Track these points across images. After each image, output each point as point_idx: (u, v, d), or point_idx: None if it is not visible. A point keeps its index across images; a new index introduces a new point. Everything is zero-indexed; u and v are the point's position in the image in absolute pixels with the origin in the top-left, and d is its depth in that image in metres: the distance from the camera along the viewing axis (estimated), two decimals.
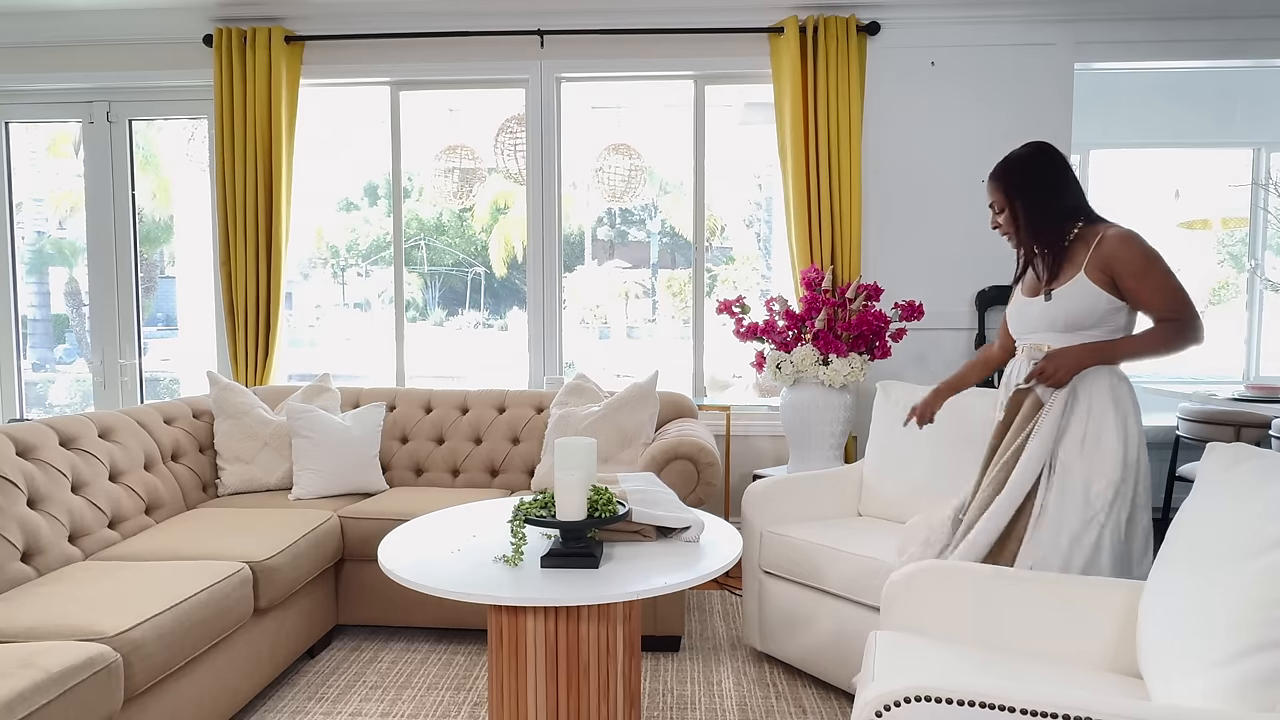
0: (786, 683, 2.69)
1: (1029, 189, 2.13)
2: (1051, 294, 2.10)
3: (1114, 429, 2.02)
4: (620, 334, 7.13)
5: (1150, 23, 3.91)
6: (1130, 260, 1.99)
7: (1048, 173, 2.14)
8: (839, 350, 3.48)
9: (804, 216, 3.89)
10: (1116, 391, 2.05)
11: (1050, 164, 2.15)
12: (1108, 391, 2.05)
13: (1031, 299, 2.16)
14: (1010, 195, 2.16)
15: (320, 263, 6.93)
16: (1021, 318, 2.20)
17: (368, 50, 4.13)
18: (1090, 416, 2.04)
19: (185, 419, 3.27)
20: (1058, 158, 2.16)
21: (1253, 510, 1.38)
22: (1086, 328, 2.06)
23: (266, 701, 2.56)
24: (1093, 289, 2.03)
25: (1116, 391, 2.05)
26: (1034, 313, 2.14)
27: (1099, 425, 2.03)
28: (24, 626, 1.89)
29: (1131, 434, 2.03)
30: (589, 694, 1.88)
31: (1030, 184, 2.14)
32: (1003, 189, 2.18)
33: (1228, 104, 4.98)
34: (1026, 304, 2.18)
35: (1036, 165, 2.15)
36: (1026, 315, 2.18)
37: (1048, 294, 2.11)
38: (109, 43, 4.21)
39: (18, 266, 4.57)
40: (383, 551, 2.01)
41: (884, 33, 3.96)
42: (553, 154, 4.18)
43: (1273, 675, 1.22)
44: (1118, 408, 2.04)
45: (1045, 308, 2.11)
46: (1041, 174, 2.14)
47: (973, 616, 1.82)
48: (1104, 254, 2.02)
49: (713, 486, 2.93)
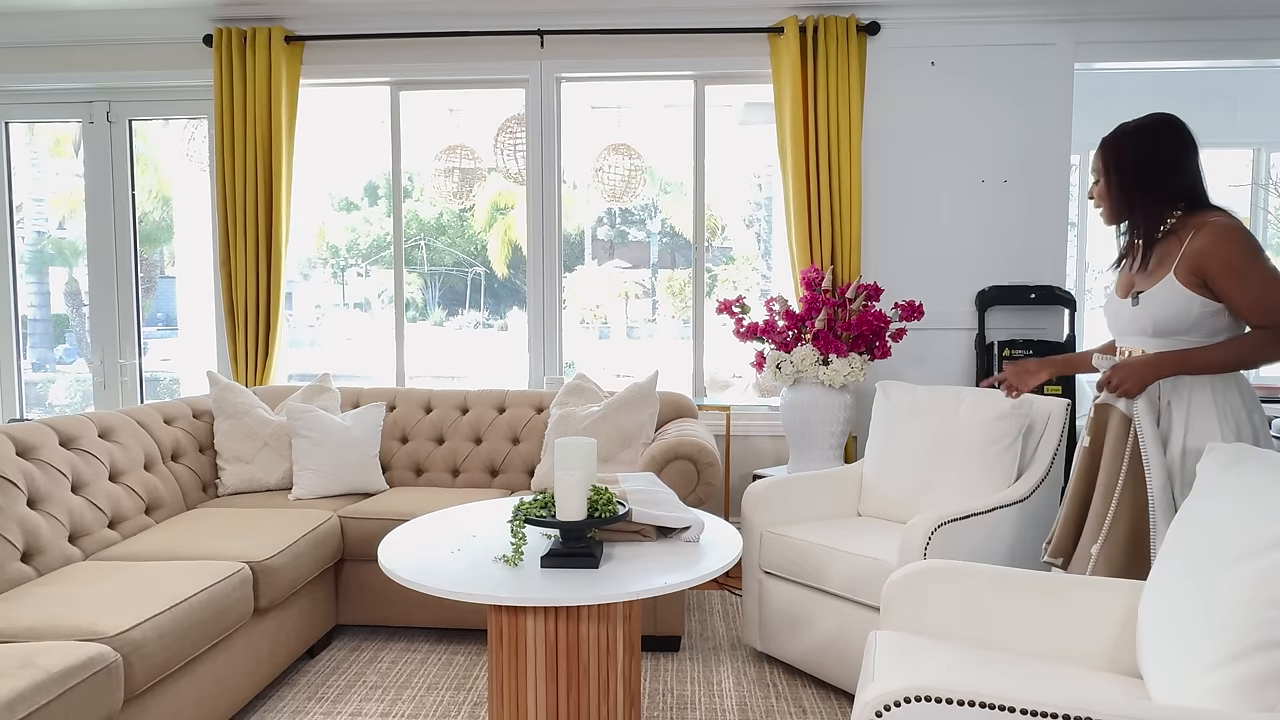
0: (786, 683, 2.69)
1: (1129, 160, 1.93)
2: (1139, 298, 1.92)
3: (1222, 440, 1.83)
4: (620, 334, 7.14)
5: (1150, 23, 3.91)
6: (1224, 256, 1.79)
7: (1158, 148, 1.91)
8: (839, 350, 3.48)
9: (804, 216, 3.89)
10: (1221, 401, 1.87)
11: (1162, 139, 1.91)
12: (1210, 405, 1.87)
13: (1122, 299, 2.00)
14: (1106, 163, 1.98)
15: (320, 263, 6.93)
16: (1115, 319, 2.03)
17: (368, 50, 4.13)
18: (1189, 432, 1.87)
19: (185, 419, 3.27)
20: (1176, 135, 1.92)
21: (1253, 510, 1.38)
22: (1180, 333, 1.88)
23: (266, 701, 2.56)
24: (1183, 292, 1.84)
25: (1221, 401, 1.87)
26: (1125, 315, 1.98)
27: (1199, 440, 1.86)
28: (24, 626, 1.89)
29: (1245, 439, 1.85)
30: (589, 694, 1.88)
31: (1132, 155, 1.93)
32: (1102, 155, 1.99)
33: (1228, 104, 4.98)
34: (1118, 305, 2.01)
35: (1147, 137, 1.93)
36: (1119, 317, 2.01)
37: (1135, 297, 1.94)
38: (109, 43, 4.21)
39: (18, 266, 4.57)
40: (383, 551, 2.01)
41: (884, 33, 3.96)
42: (553, 154, 4.18)
43: (1272, 675, 1.22)
44: (1224, 419, 1.85)
45: (1134, 312, 1.94)
46: (1150, 147, 1.91)
47: (973, 616, 1.82)
48: (1196, 250, 1.83)
49: (713, 486, 2.93)
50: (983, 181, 4.01)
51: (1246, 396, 1.91)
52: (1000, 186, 4.00)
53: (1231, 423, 1.88)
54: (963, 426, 2.71)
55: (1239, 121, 4.99)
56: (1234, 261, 1.79)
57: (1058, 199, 3.98)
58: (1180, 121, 1.94)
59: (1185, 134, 1.93)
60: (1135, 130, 1.96)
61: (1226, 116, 4.98)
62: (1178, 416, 1.91)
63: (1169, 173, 1.90)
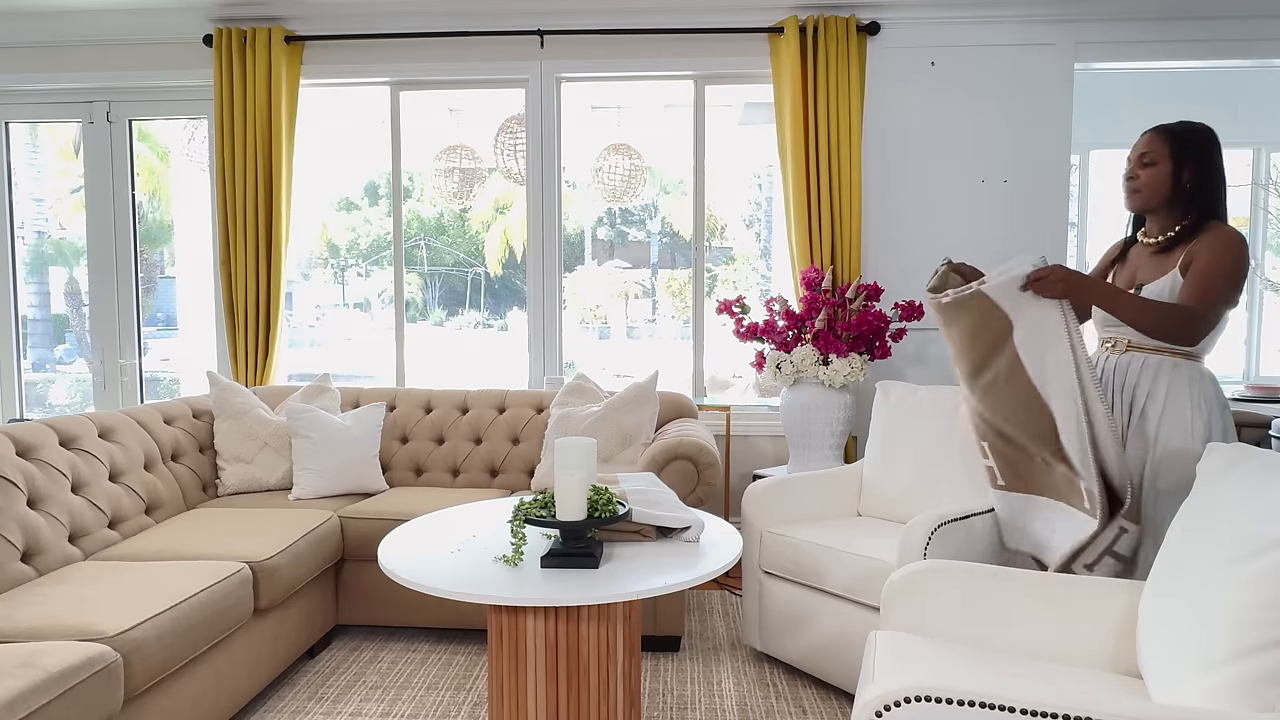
0: (786, 683, 2.69)
1: (1207, 159, 2.04)
2: (1143, 289, 2.06)
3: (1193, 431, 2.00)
4: (620, 334, 7.14)
5: (1150, 23, 3.91)
6: (1213, 255, 1.95)
7: (1218, 156, 2.06)
8: (839, 350, 3.48)
9: (804, 216, 3.89)
10: (1196, 392, 2.02)
11: (1219, 150, 2.07)
12: (1185, 396, 2.02)
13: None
14: (1184, 155, 2.05)
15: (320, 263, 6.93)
16: (1102, 313, 2.16)
17: (368, 50, 4.13)
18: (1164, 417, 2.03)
19: (185, 419, 3.27)
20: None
21: (1253, 510, 1.38)
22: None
23: (266, 701, 2.56)
24: (1180, 283, 2.00)
25: (1196, 392, 2.02)
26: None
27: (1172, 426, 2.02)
28: (24, 626, 1.89)
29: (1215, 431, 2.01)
30: (589, 694, 1.88)
31: (1209, 155, 2.05)
32: (1173, 145, 2.06)
33: (1228, 104, 4.98)
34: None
35: (1214, 144, 2.07)
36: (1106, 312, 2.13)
37: (1138, 289, 2.08)
38: (109, 43, 4.21)
39: (18, 267, 4.57)
40: (383, 551, 2.01)
41: (884, 33, 3.96)
42: (553, 154, 4.18)
43: (1272, 675, 1.22)
44: (1197, 409, 2.01)
45: None
46: (1215, 152, 2.06)
47: (973, 616, 1.82)
48: (1198, 246, 1.99)
49: (713, 486, 2.93)
50: (983, 181, 4.00)
51: (1219, 393, 2.06)
52: (1000, 186, 4.00)
53: (1204, 413, 2.01)
54: (963, 427, 2.70)
55: (1239, 121, 4.99)
56: (1214, 261, 1.95)
57: (1058, 199, 3.98)
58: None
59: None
60: (1209, 132, 2.07)
61: (1226, 116, 4.98)
62: (1153, 407, 2.04)
63: (1223, 182, 2.06)
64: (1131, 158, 2.13)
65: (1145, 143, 2.11)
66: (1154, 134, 2.10)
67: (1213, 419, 2.02)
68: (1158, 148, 2.07)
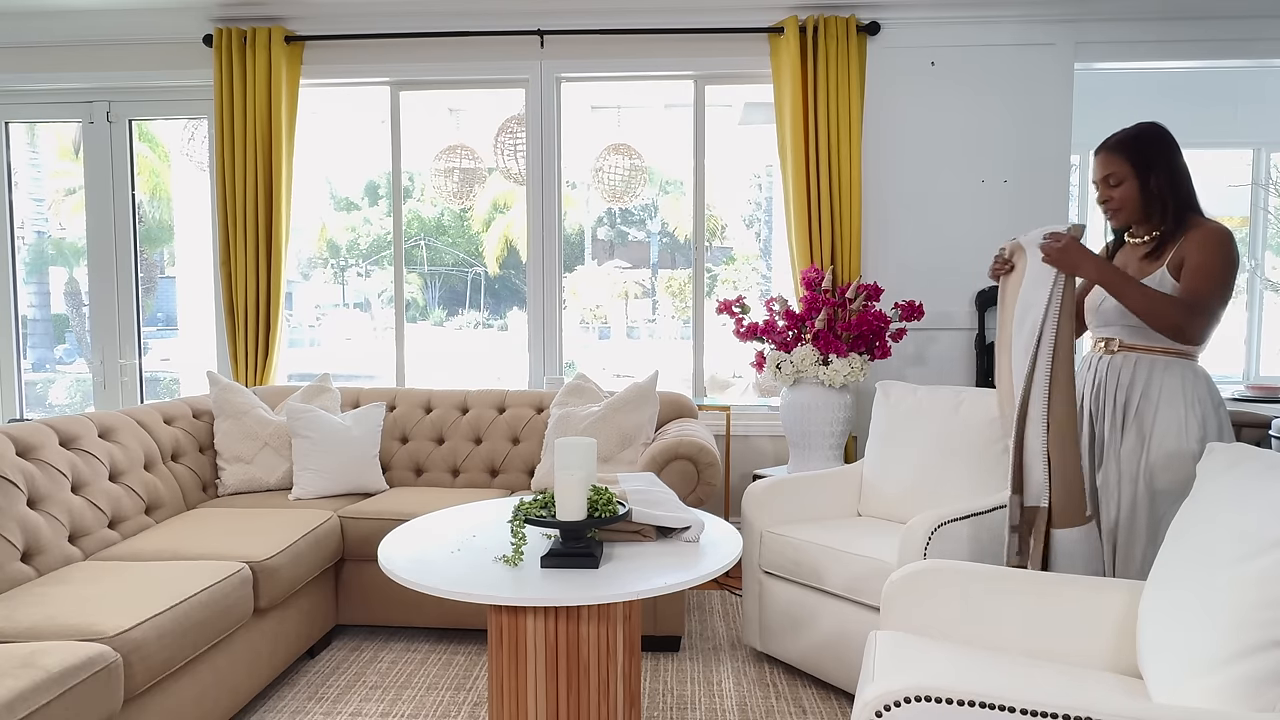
0: (786, 683, 2.69)
1: (1167, 161, 2.07)
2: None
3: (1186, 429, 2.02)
4: (620, 334, 7.14)
5: (1150, 23, 3.91)
6: (1205, 254, 1.97)
7: (1177, 152, 2.08)
8: (839, 350, 3.48)
9: (804, 216, 3.89)
10: (1189, 390, 2.04)
11: (1175, 144, 2.09)
12: (1178, 393, 2.03)
13: (1109, 295, 2.13)
14: (1145, 165, 2.07)
15: (320, 263, 6.93)
16: (1099, 311, 2.18)
17: (368, 50, 4.13)
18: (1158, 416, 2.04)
19: (185, 419, 3.27)
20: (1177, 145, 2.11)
21: (1253, 510, 1.38)
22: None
23: (266, 701, 2.56)
24: (1170, 283, 2.01)
25: (1189, 390, 2.04)
26: (1110, 306, 2.12)
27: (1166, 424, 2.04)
28: (24, 626, 1.89)
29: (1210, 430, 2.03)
30: (589, 694, 1.88)
31: (1168, 156, 2.07)
32: (1131, 159, 2.09)
33: (1228, 104, 4.98)
34: (1103, 295, 2.15)
35: (1170, 141, 2.09)
36: (1101, 310, 2.16)
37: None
38: (109, 43, 4.21)
39: (18, 266, 4.57)
40: (382, 551, 2.01)
41: (884, 33, 3.96)
42: (552, 154, 4.18)
43: (1273, 675, 1.22)
44: (1191, 408, 2.03)
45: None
46: (1174, 150, 2.08)
47: (974, 616, 1.82)
48: (1187, 245, 2.00)
49: (713, 486, 2.93)
50: (983, 181, 4.01)
51: (1214, 391, 2.07)
52: (1000, 186, 4.00)
53: (1198, 412, 2.03)
54: (963, 427, 2.71)
55: (1239, 121, 4.99)
56: (1208, 260, 1.97)
57: (1058, 199, 3.98)
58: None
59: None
60: (1158, 133, 2.09)
61: (1226, 116, 4.98)
62: (1147, 407, 2.06)
63: (1188, 176, 2.08)
64: (1096, 180, 2.16)
65: (1102, 163, 2.13)
66: (1108, 153, 2.12)
67: (1208, 418, 2.03)
68: (1117, 166, 2.10)
